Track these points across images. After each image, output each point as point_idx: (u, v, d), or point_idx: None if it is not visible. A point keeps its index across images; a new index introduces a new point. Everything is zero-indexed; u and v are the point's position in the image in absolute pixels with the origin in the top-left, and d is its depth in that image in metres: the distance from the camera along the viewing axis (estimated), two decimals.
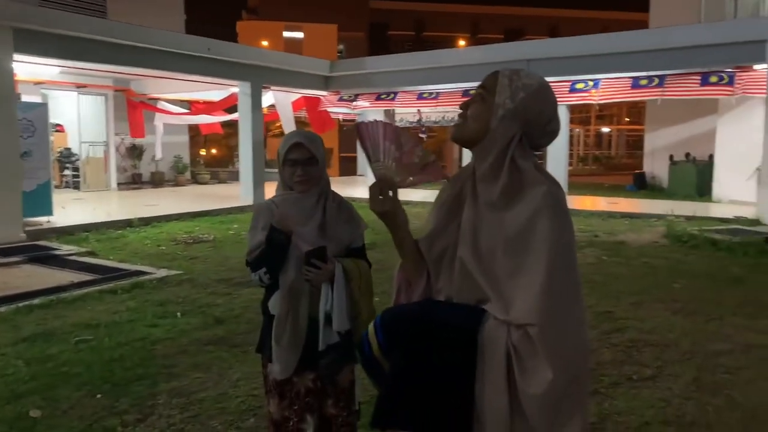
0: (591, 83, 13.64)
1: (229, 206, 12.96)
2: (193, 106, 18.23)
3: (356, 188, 14.62)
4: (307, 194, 2.29)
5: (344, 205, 2.40)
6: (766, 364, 4.25)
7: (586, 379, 1.42)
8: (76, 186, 15.86)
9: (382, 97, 16.58)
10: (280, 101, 15.77)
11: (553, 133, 1.50)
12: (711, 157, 15.01)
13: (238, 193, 14.53)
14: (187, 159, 19.94)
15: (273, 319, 2.30)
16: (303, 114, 18.09)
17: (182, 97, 17.76)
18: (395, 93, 16.42)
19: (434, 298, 1.55)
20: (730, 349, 4.56)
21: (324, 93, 16.88)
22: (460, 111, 1.54)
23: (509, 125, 1.44)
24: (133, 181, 17.76)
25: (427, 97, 16.01)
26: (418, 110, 18.14)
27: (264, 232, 2.28)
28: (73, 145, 16.39)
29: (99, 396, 3.65)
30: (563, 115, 15.91)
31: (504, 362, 1.33)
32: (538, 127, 1.46)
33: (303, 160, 2.25)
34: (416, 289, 1.61)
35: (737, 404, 3.62)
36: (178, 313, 5.38)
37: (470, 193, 1.51)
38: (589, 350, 1.42)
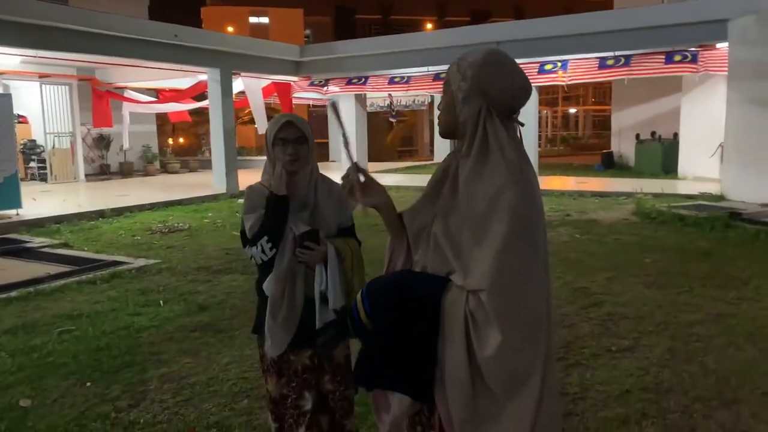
0: (559, 64, 13.80)
1: (202, 195, 12.85)
2: (160, 95, 17.93)
3: (329, 174, 14.57)
4: (295, 176, 2.33)
5: (333, 187, 2.45)
6: (735, 332, 4.44)
7: (545, 343, 1.46)
8: (42, 178, 15.54)
9: (354, 81, 16.54)
10: (251, 88, 15.61)
11: (522, 90, 1.52)
12: (676, 135, 15.37)
13: (209, 182, 14.40)
14: (155, 148, 19.65)
15: (267, 300, 2.34)
16: (272, 101, 17.95)
17: (149, 86, 17.45)
18: (366, 77, 16.39)
19: (413, 269, 1.65)
20: (702, 319, 4.74)
21: (294, 78, 16.76)
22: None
23: (471, 104, 1.49)
24: (101, 172, 17.46)
25: (399, 81, 16.03)
26: (389, 94, 18.16)
27: (261, 210, 2.32)
28: (37, 136, 16.02)
29: (88, 384, 3.65)
30: (532, 97, 16.10)
31: (462, 327, 1.42)
32: (500, 93, 1.49)
33: (293, 138, 2.29)
34: (397, 260, 1.71)
35: (711, 370, 3.78)
36: (161, 302, 5.36)
37: (452, 173, 1.57)
38: (545, 316, 1.47)
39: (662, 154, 15.58)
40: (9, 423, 3.20)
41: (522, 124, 1.55)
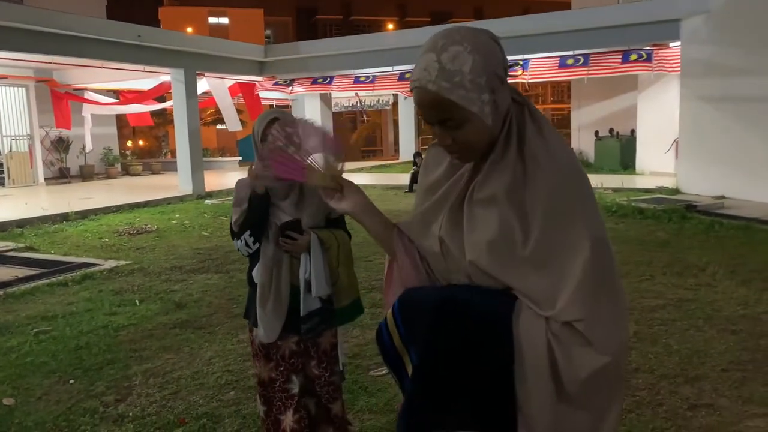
0: (520, 63, 14.11)
1: (168, 196, 12.72)
2: (121, 96, 17.64)
3: None
4: None
5: None
6: (695, 315, 4.68)
7: (625, 365, 1.30)
8: (0, 182, 15.13)
9: (319, 81, 16.58)
10: (216, 87, 15.52)
11: (504, 54, 1.27)
12: (633, 131, 15.86)
13: (174, 183, 14.26)
14: (116, 151, 19.33)
15: (256, 288, 2.44)
16: (236, 101, 17.85)
17: (110, 87, 17.17)
18: (331, 77, 16.45)
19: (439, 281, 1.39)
20: (663, 304, 4.98)
21: (259, 78, 16.71)
22: (449, 151, 1.31)
23: (500, 105, 1.24)
24: (61, 175, 17.08)
25: (364, 80, 16.13)
26: (356, 93, 18.25)
27: (246, 203, 2.41)
28: None
29: (72, 381, 3.66)
30: None
31: (546, 352, 1.20)
32: (505, 69, 1.25)
33: None
34: (406, 280, 1.42)
35: (674, 351, 4.00)
36: (137, 301, 5.35)
37: (462, 190, 1.33)
38: (629, 336, 1.32)
39: (620, 150, 16.05)
40: None
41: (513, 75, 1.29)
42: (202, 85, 15.02)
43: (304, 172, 1.48)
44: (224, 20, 38.49)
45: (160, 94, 16.14)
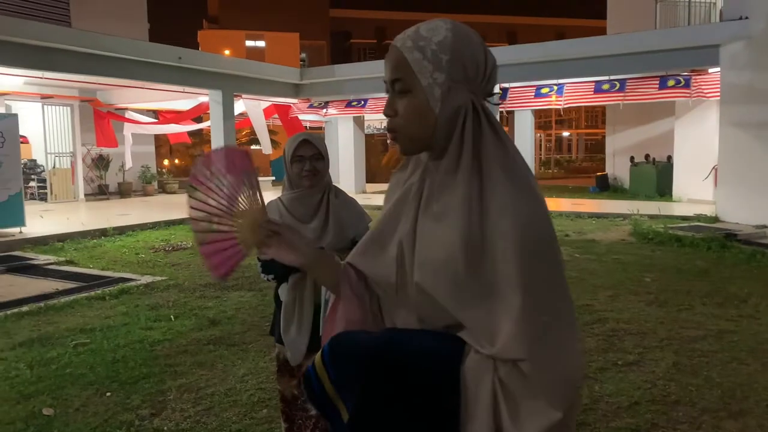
0: (555, 88, 14.07)
1: None
2: (160, 116, 18.10)
3: None
4: (312, 191, 2.46)
5: (348, 201, 2.58)
6: (737, 347, 4.54)
7: (578, 402, 1.14)
8: (42, 198, 15.58)
9: (353, 104, 16.77)
10: (252, 109, 15.82)
11: (496, 66, 1.19)
12: (669, 158, 15.62)
13: None
14: (153, 169, 19.76)
15: (282, 305, 2.47)
16: (271, 122, 18.15)
17: (149, 107, 17.64)
18: (365, 100, 16.62)
19: (387, 323, 1.28)
20: (704, 335, 4.85)
21: (294, 100, 16.98)
22: (389, 128, 1.23)
23: (454, 98, 1.13)
24: (100, 192, 17.51)
25: None
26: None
27: None
28: (37, 156, 16.12)
29: (108, 394, 3.72)
30: (528, 120, 16.35)
31: (491, 401, 1.06)
32: (481, 75, 1.16)
33: (310, 155, 2.43)
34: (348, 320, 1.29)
35: (716, 383, 3.88)
36: (172, 316, 5.43)
37: (425, 197, 1.20)
38: (584, 370, 1.16)
39: (657, 177, 15.80)
40: (34, 430, 3.25)
41: (498, 104, 1.20)
42: (239, 106, 15.32)
43: (238, 249, 1.29)
44: (261, 43, 39.29)
45: (198, 114, 16.52)
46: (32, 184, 15.78)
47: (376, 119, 19.58)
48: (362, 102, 16.65)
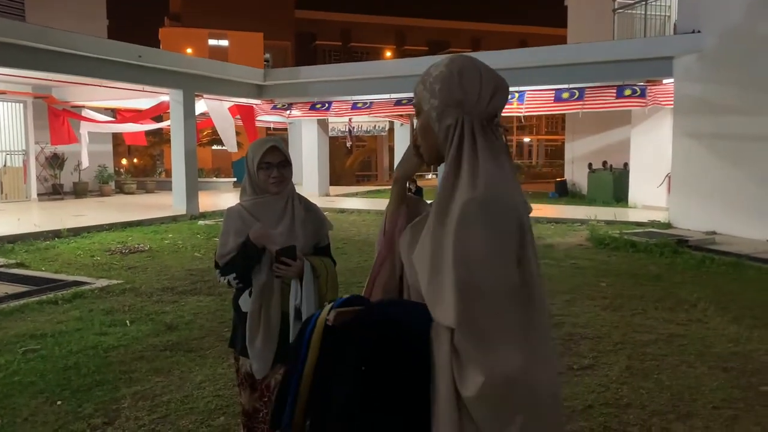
0: (516, 95, 14.28)
1: (162, 216, 12.69)
2: (119, 115, 17.70)
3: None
4: (276, 197, 2.45)
5: (310, 206, 2.58)
6: (687, 351, 4.70)
7: (533, 383, 1.25)
8: None
9: (317, 106, 16.70)
10: (215, 109, 15.59)
11: (498, 91, 1.38)
12: (626, 165, 16.01)
13: (168, 203, 14.23)
14: (111, 168, 19.32)
15: (243, 316, 2.43)
16: (234, 121, 17.94)
17: (107, 105, 17.23)
18: (330, 102, 16.58)
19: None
20: (655, 339, 4.99)
21: (257, 101, 16.82)
22: (413, 144, 1.52)
23: (446, 119, 1.37)
24: (54, 192, 17.02)
25: (361, 106, 16.27)
26: (350, 119, 18.38)
27: (235, 237, 2.41)
28: None
29: (59, 403, 3.62)
30: None
31: (448, 364, 1.25)
32: (474, 100, 1.36)
33: (277, 162, 2.41)
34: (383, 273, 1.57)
35: (666, 386, 4.01)
36: (127, 321, 5.32)
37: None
38: (529, 356, 1.24)
39: (613, 183, 16.18)
40: None
41: (505, 129, 1.42)
42: (200, 106, 15.10)
43: None
44: (224, 42, 38.80)
45: (158, 113, 16.21)
46: None
47: (340, 122, 19.54)
48: (327, 105, 16.60)
